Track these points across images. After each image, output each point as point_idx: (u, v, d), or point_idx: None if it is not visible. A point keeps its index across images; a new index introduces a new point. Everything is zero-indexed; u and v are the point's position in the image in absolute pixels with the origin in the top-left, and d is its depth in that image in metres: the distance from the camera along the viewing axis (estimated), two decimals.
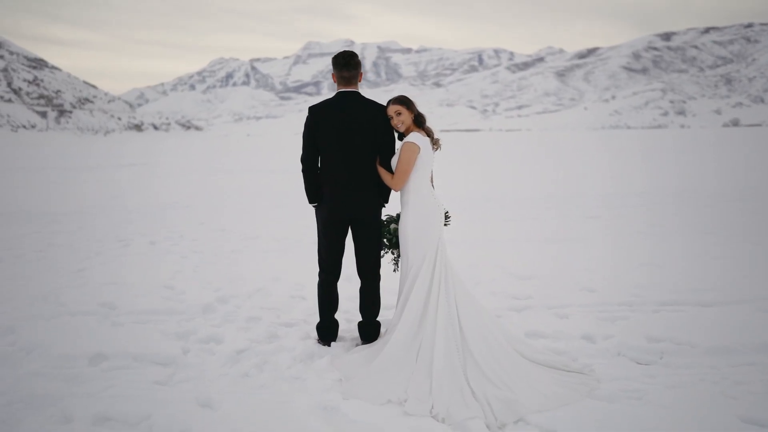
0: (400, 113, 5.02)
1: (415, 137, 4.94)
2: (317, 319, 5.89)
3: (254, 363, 4.90)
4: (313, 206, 5.28)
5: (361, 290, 5.36)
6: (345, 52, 5.18)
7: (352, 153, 5.03)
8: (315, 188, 5.18)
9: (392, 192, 5.27)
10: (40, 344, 5.13)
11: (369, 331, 5.35)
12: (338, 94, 5.13)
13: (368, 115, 5.06)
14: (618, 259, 8.83)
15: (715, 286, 7.06)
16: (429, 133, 5.09)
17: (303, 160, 5.19)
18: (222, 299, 6.73)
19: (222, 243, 10.48)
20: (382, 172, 5.09)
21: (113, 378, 4.59)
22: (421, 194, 4.97)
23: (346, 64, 5.09)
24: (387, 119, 5.09)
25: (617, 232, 11.35)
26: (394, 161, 5.06)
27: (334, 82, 5.18)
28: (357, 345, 5.37)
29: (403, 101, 5.05)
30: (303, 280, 7.55)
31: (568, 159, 37.34)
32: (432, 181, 5.12)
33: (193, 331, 5.59)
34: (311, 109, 5.16)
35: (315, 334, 5.60)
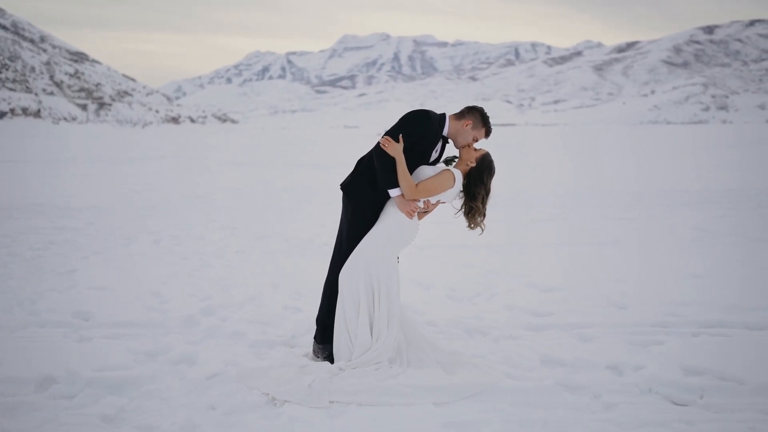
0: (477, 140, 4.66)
1: (459, 175, 4.57)
2: (306, 336, 5.26)
3: (224, 392, 4.26)
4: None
5: None
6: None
7: None
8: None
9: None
10: None
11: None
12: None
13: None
14: (654, 267, 8.01)
15: None
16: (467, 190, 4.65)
17: None
18: (208, 310, 6.11)
19: (228, 243, 9.92)
20: (405, 172, 4.48)
21: (55, 409, 3.98)
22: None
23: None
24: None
25: (654, 235, 10.47)
26: (421, 172, 4.59)
27: (466, 128, 4.64)
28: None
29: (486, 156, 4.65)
30: (302, 288, 6.91)
31: (603, 154, 36.07)
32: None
33: (165, 349, 4.98)
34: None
35: (301, 351, 4.97)
